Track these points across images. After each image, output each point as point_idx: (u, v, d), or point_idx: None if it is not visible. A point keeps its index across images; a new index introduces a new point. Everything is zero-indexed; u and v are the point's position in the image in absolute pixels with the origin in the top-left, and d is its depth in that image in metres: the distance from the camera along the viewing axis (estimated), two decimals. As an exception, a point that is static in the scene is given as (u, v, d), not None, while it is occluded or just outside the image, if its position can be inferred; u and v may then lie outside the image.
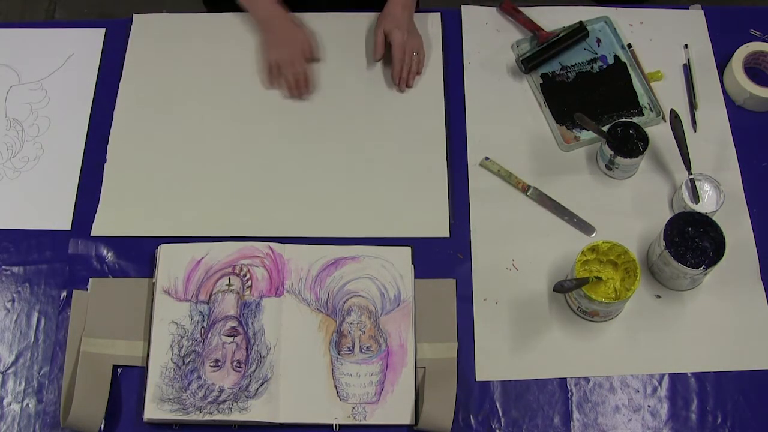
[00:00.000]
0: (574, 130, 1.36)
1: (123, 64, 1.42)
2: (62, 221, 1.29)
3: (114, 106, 1.38)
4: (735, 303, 1.23)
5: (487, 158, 1.33)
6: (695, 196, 1.25)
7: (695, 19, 1.47)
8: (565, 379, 1.18)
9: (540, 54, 1.40)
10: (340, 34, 1.45)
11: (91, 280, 1.23)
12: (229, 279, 1.22)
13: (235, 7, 1.48)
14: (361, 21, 1.47)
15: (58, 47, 1.44)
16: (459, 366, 1.18)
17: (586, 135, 1.35)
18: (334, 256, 1.24)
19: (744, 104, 1.38)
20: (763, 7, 1.49)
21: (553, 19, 1.45)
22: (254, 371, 1.16)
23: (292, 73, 1.37)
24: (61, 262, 1.26)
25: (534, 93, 1.40)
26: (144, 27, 1.46)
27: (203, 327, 1.19)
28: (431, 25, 1.46)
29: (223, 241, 1.24)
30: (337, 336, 1.19)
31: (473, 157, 1.34)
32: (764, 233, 1.28)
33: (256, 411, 1.13)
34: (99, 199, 1.30)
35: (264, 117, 1.38)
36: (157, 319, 1.19)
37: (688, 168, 1.27)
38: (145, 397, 1.14)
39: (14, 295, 1.24)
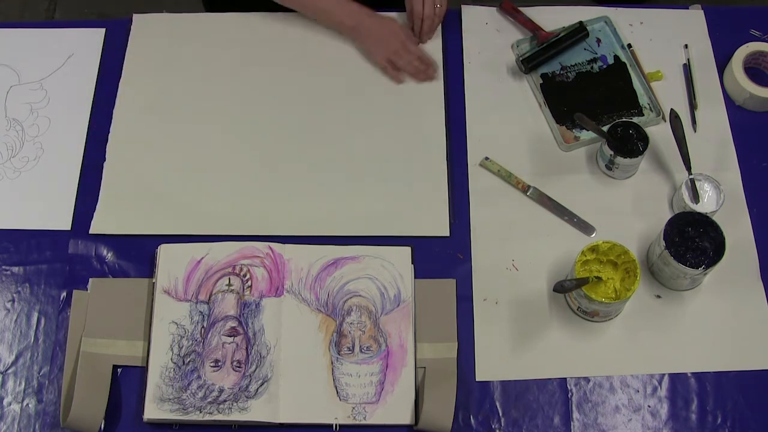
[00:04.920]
0: (574, 130, 1.36)
1: (123, 64, 1.42)
2: (62, 221, 1.29)
3: (114, 106, 1.38)
4: (735, 303, 1.23)
5: (487, 158, 1.33)
6: (695, 196, 1.25)
7: (695, 19, 1.47)
8: (565, 379, 1.18)
9: (540, 54, 1.40)
10: (341, 34, 1.45)
11: (91, 280, 1.23)
12: (229, 279, 1.22)
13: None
14: (361, 21, 1.47)
15: (58, 47, 1.44)
16: (459, 366, 1.18)
17: (586, 135, 1.35)
18: (334, 256, 1.24)
19: (744, 104, 1.38)
20: (763, 7, 1.49)
21: (553, 19, 1.45)
22: (254, 371, 1.16)
23: (407, 62, 1.38)
24: (61, 262, 1.26)
25: (534, 93, 1.40)
26: (144, 27, 1.46)
27: (203, 327, 1.19)
28: (431, 24, 1.46)
29: (223, 241, 1.24)
30: (337, 336, 1.19)
31: (473, 157, 1.34)
32: (764, 233, 1.28)
33: (256, 411, 1.13)
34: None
35: (264, 116, 1.38)
36: (157, 319, 1.19)
37: (688, 168, 1.27)
38: (145, 397, 1.14)
39: (14, 295, 1.24)
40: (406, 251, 1.25)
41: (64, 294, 1.24)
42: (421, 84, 1.40)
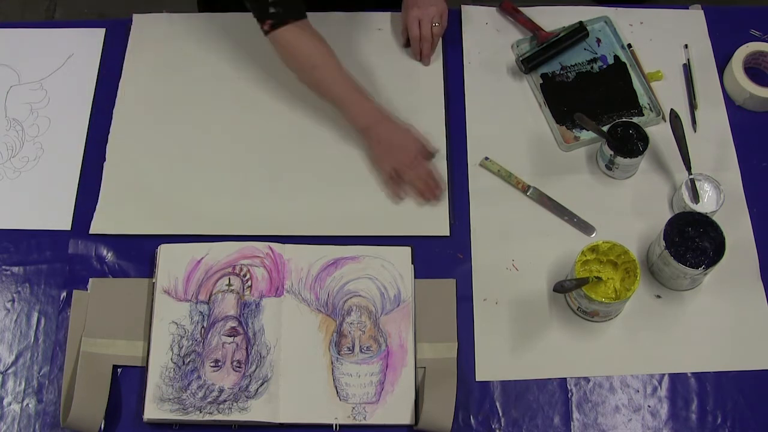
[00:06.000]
0: (574, 130, 1.36)
1: (123, 64, 1.42)
2: (62, 221, 1.29)
3: (114, 106, 1.38)
4: (735, 303, 1.23)
5: (487, 158, 1.33)
6: (695, 196, 1.25)
7: (695, 19, 1.47)
8: (565, 379, 1.18)
9: (540, 54, 1.40)
10: (340, 34, 1.45)
11: (91, 280, 1.23)
12: (229, 279, 1.22)
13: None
14: (361, 21, 1.47)
15: (58, 47, 1.44)
16: (459, 366, 1.18)
17: (586, 135, 1.35)
18: (334, 256, 1.24)
19: (744, 104, 1.38)
20: (763, 7, 1.49)
21: (553, 19, 1.45)
22: (254, 371, 1.16)
23: (414, 177, 1.27)
24: (61, 262, 1.26)
25: (534, 93, 1.40)
26: (144, 27, 1.46)
27: (203, 327, 1.19)
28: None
29: (223, 241, 1.24)
30: (337, 336, 1.19)
31: (473, 157, 1.34)
32: (764, 233, 1.28)
33: (256, 411, 1.13)
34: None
35: (264, 116, 1.38)
36: (157, 319, 1.19)
37: (688, 168, 1.27)
38: (145, 397, 1.14)
39: (14, 295, 1.24)
40: (406, 251, 1.25)
41: (64, 294, 1.24)
42: (420, 84, 1.40)
